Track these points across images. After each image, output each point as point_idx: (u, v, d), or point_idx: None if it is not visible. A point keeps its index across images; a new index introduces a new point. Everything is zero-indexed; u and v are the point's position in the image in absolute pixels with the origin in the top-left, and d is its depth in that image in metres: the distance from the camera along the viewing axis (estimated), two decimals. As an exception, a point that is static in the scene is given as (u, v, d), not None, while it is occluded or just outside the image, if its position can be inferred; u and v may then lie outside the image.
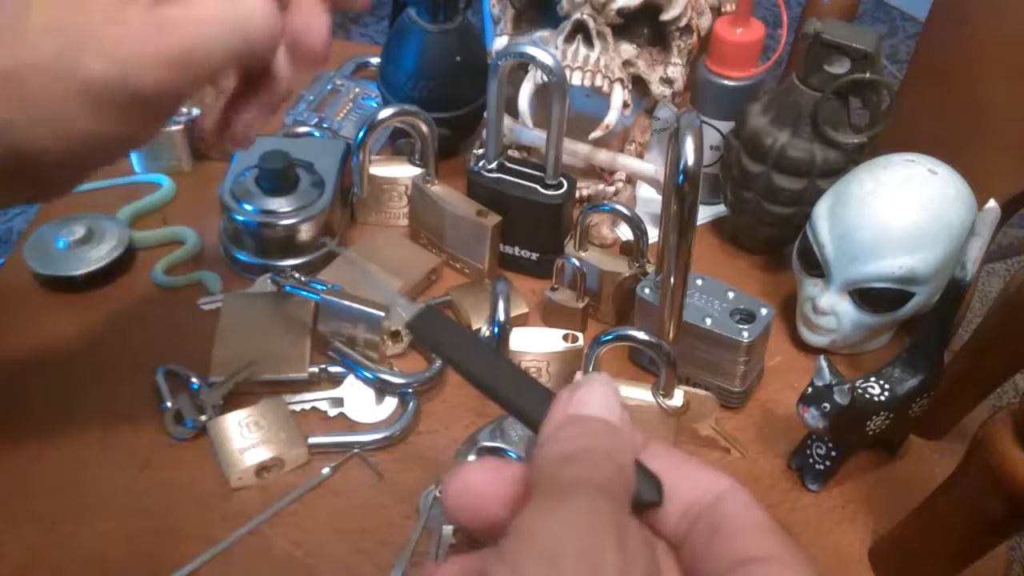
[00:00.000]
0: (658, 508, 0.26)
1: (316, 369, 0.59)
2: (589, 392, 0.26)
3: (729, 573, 0.24)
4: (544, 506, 0.23)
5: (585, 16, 0.63)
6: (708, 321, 0.56)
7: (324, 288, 0.60)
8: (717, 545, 0.25)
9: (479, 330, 0.61)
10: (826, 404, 0.51)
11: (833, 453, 0.54)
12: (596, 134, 0.65)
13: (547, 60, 0.58)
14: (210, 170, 0.76)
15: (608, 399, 0.26)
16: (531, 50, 0.58)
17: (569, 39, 0.64)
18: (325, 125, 0.79)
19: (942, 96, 0.66)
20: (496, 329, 0.56)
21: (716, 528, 0.25)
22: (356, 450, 0.55)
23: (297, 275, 0.62)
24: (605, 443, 0.25)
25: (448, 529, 0.52)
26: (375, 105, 0.81)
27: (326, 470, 0.54)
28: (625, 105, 0.65)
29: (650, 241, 0.64)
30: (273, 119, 0.81)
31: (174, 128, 0.74)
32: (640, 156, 0.71)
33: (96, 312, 0.64)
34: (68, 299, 0.64)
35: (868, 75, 0.61)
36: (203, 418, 0.55)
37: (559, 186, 0.64)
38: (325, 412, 0.58)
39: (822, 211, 0.60)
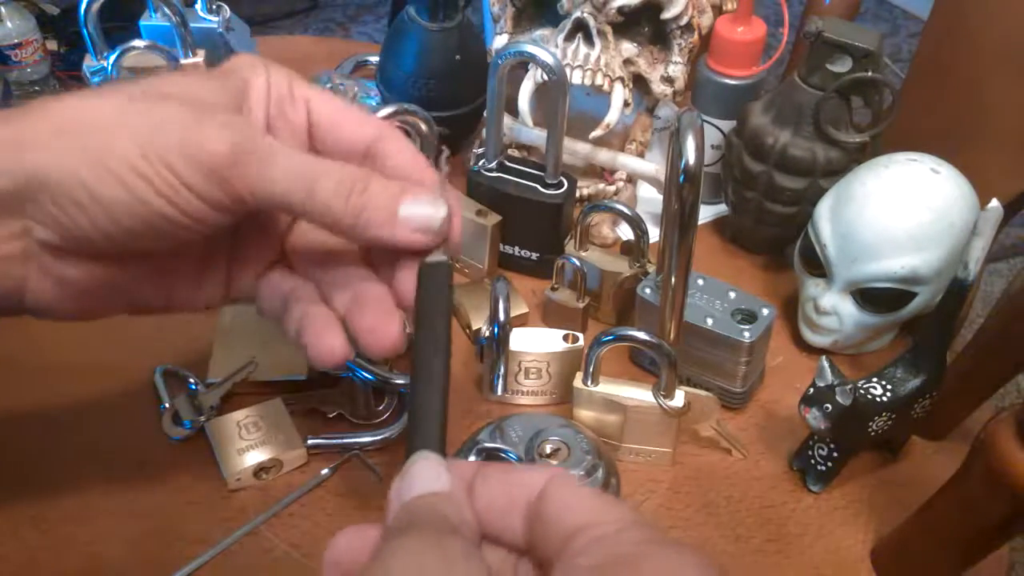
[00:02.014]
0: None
1: (315, 370, 0.59)
2: (411, 475, 0.29)
3: (563, 548, 0.26)
4: (385, 547, 0.26)
5: (585, 14, 0.63)
6: (709, 321, 0.56)
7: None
8: (548, 529, 0.27)
9: (478, 330, 0.60)
10: (828, 405, 0.50)
11: (835, 454, 0.54)
12: (597, 133, 0.65)
13: (547, 59, 0.58)
14: (209, 169, 0.75)
15: (427, 472, 0.29)
16: (531, 49, 0.58)
17: (569, 37, 0.64)
18: (325, 124, 0.78)
19: (944, 95, 0.66)
20: (496, 329, 0.55)
21: (541, 517, 0.27)
22: (356, 451, 0.55)
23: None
24: (431, 513, 0.27)
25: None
26: (374, 104, 0.80)
27: (325, 471, 0.54)
28: (626, 104, 0.65)
29: (651, 241, 0.63)
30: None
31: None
32: (641, 155, 0.71)
33: (94, 319, 0.63)
34: (66, 299, 0.64)
35: (870, 74, 0.61)
36: (201, 419, 0.55)
37: (559, 185, 0.64)
38: (324, 413, 0.57)
39: (824, 211, 0.60)
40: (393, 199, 0.38)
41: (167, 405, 0.56)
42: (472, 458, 0.52)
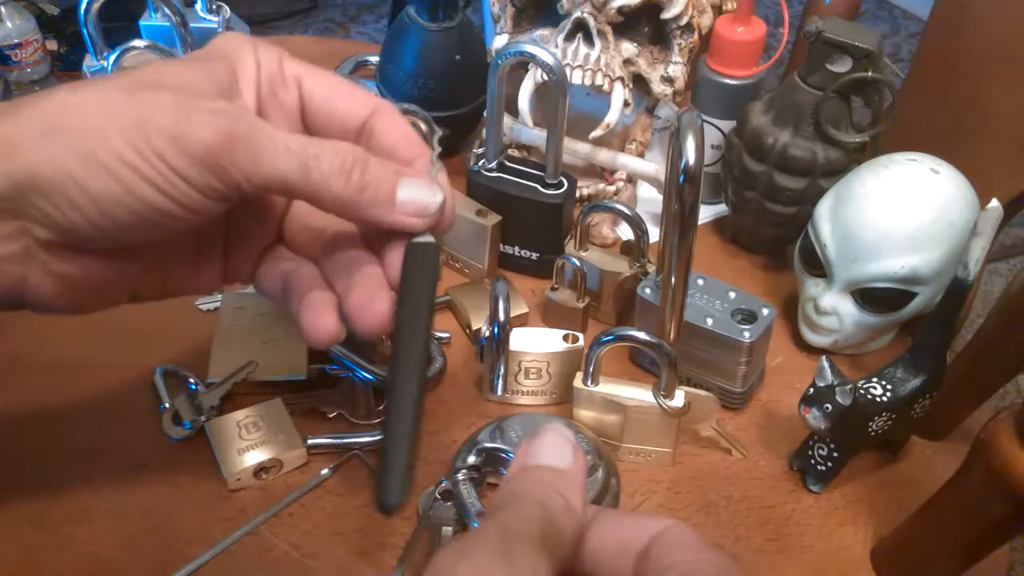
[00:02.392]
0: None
1: (315, 370, 0.59)
2: (540, 442, 0.30)
3: None
4: (456, 546, 0.26)
5: (585, 14, 0.63)
6: (709, 321, 0.56)
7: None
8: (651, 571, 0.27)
9: (478, 330, 0.60)
10: (828, 405, 0.50)
11: (835, 454, 0.54)
12: (597, 133, 0.65)
13: (547, 59, 0.58)
14: (209, 169, 0.75)
15: (558, 445, 0.30)
16: (531, 48, 0.58)
17: (569, 37, 0.64)
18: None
19: (944, 95, 0.66)
20: (496, 329, 0.55)
21: (651, 560, 0.27)
22: (356, 451, 0.55)
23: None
24: (540, 489, 0.28)
25: (448, 530, 0.51)
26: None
27: (325, 471, 0.54)
28: (626, 104, 0.65)
29: (651, 241, 0.63)
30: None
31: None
32: (641, 155, 0.71)
33: (94, 312, 0.63)
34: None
35: (870, 74, 0.61)
36: (201, 419, 0.55)
37: (559, 185, 0.64)
38: (324, 413, 0.57)
39: (824, 211, 0.60)
40: (391, 180, 0.38)
41: (167, 405, 0.56)
42: (472, 459, 0.52)
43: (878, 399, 0.52)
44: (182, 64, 0.39)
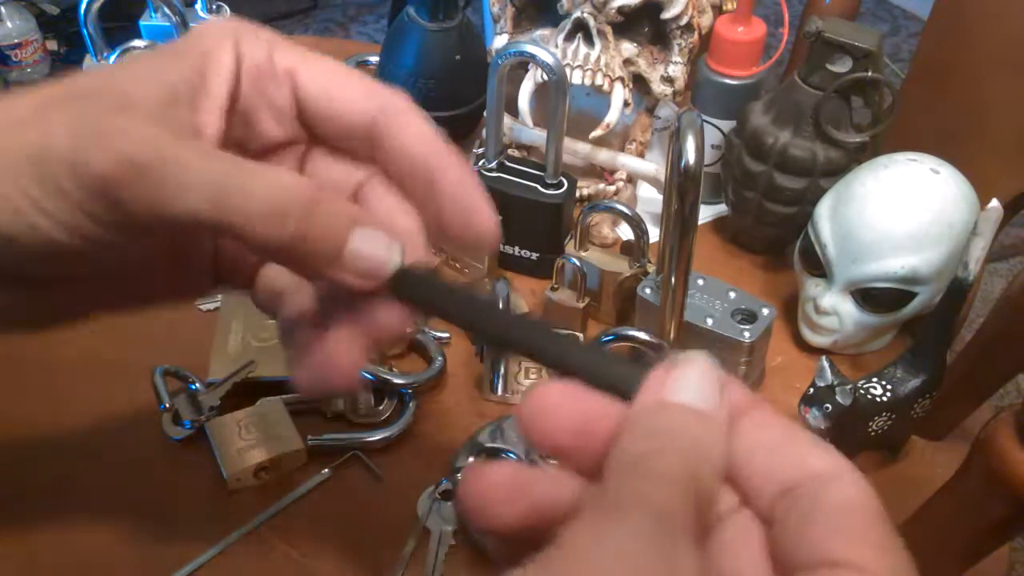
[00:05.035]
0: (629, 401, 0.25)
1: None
2: (684, 374, 0.25)
3: (810, 568, 0.22)
4: (594, 527, 0.22)
5: (585, 14, 0.63)
6: (709, 321, 0.56)
7: (323, 288, 0.60)
8: (808, 536, 0.23)
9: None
10: (828, 405, 0.50)
11: (835, 454, 0.54)
12: (596, 133, 0.65)
13: (547, 59, 0.58)
14: (209, 169, 0.75)
15: (704, 382, 0.24)
16: (531, 48, 0.58)
17: (569, 37, 0.64)
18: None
19: (944, 95, 0.66)
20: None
21: (811, 517, 0.23)
22: (356, 451, 0.55)
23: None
24: (684, 443, 0.23)
25: (448, 529, 0.51)
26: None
27: (325, 471, 0.54)
28: (626, 104, 0.65)
29: (651, 241, 0.63)
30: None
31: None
32: (641, 155, 0.71)
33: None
34: (66, 299, 0.64)
35: (870, 74, 0.61)
36: (201, 419, 0.55)
37: (559, 185, 0.64)
38: (324, 413, 0.57)
39: (824, 211, 0.60)
40: (341, 230, 0.30)
41: (167, 405, 0.56)
42: (471, 459, 0.52)
43: (878, 399, 0.51)
44: (139, 64, 0.33)
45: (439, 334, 0.62)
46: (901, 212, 0.56)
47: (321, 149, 0.36)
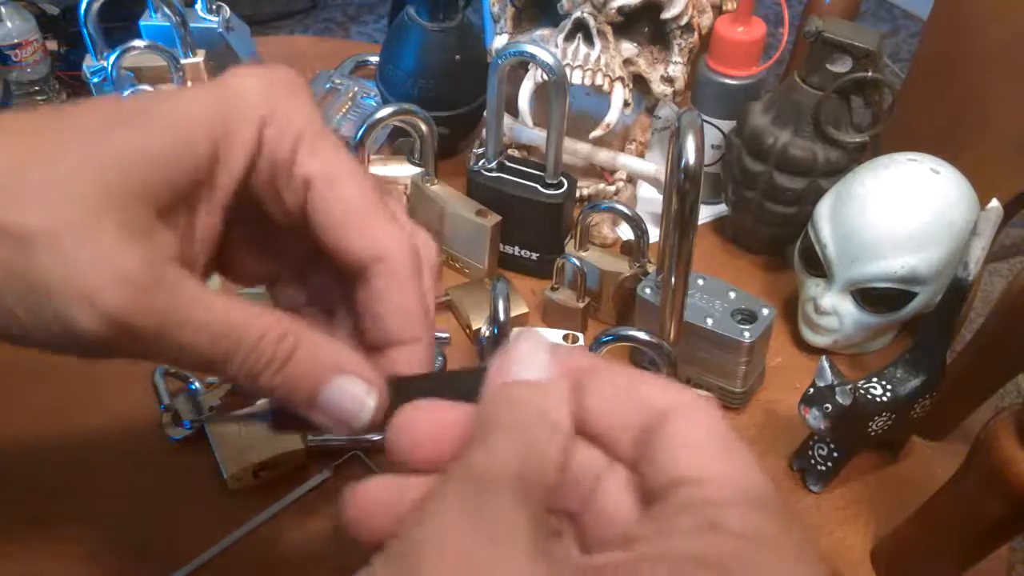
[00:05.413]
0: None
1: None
2: (512, 354, 0.26)
3: (663, 491, 0.24)
4: (423, 506, 0.23)
5: (585, 14, 0.63)
6: (709, 321, 0.56)
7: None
8: (656, 466, 0.24)
9: (478, 330, 0.60)
10: (828, 405, 0.50)
11: (835, 454, 0.54)
12: (596, 133, 0.65)
13: (547, 59, 0.58)
14: (209, 169, 0.75)
15: (533, 353, 0.26)
16: (531, 49, 0.58)
17: (569, 37, 0.64)
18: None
19: (944, 95, 0.66)
20: (496, 329, 0.55)
21: (657, 448, 0.24)
22: (356, 451, 0.55)
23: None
24: (515, 414, 0.24)
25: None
26: (374, 104, 0.80)
27: (325, 471, 0.54)
28: (626, 104, 0.65)
29: (651, 241, 0.63)
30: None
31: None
32: (641, 155, 0.71)
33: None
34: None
35: (870, 74, 0.61)
36: (201, 419, 0.55)
37: (559, 185, 0.64)
38: (324, 412, 0.57)
39: (824, 211, 0.60)
40: (319, 375, 0.30)
41: (167, 405, 0.56)
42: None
43: (878, 399, 0.51)
44: (153, 128, 0.29)
45: (439, 334, 0.62)
46: (901, 212, 0.56)
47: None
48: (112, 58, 0.71)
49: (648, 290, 0.59)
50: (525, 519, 0.22)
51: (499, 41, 0.70)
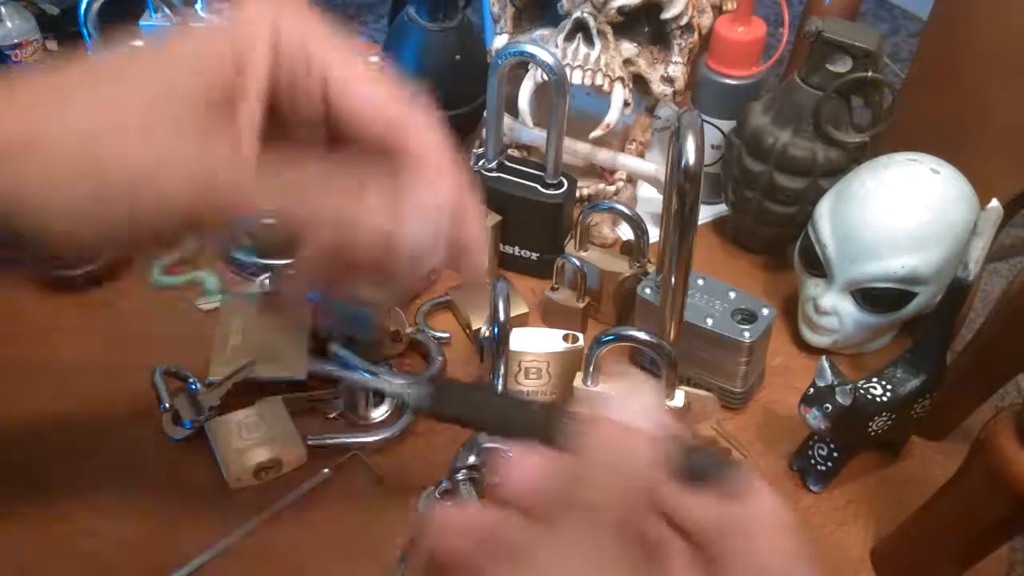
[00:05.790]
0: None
1: (315, 369, 0.59)
2: (628, 397, 0.27)
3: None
4: (561, 533, 0.24)
5: (585, 14, 0.63)
6: (709, 321, 0.56)
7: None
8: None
9: (478, 330, 0.60)
10: (828, 405, 0.50)
11: (835, 454, 0.54)
12: (596, 133, 0.65)
13: (547, 59, 0.58)
14: (209, 169, 0.75)
15: (646, 406, 0.27)
16: (531, 48, 0.58)
17: (569, 37, 0.64)
18: (325, 124, 0.79)
19: (944, 95, 0.66)
20: (496, 329, 0.55)
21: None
22: (355, 451, 0.55)
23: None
24: (628, 458, 0.25)
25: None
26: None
27: (325, 471, 0.54)
28: (626, 104, 0.65)
29: (651, 241, 0.63)
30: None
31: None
32: (641, 155, 0.71)
33: (94, 312, 0.63)
34: (66, 298, 0.64)
35: (870, 74, 0.61)
36: (201, 419, 0.55)
37: (559, 185, 0.64)
38: (324, 413, 0.57)
39: (824, 211, 0.60)
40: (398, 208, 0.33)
41: (167, 405, 0.56)
42: (472, 459, 0.52)
43: (878, 399, 0.51)
44: (177, 53, 0.32)
45: (439, 334, 0.62)
46: (901, 212, 0.56)
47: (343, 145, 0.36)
48: (112, 58, 0.71)
49: (648, 290, 0.59)
50: (624, 556, 0.24)
51: (499, 41, 0.70)
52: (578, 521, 0.25)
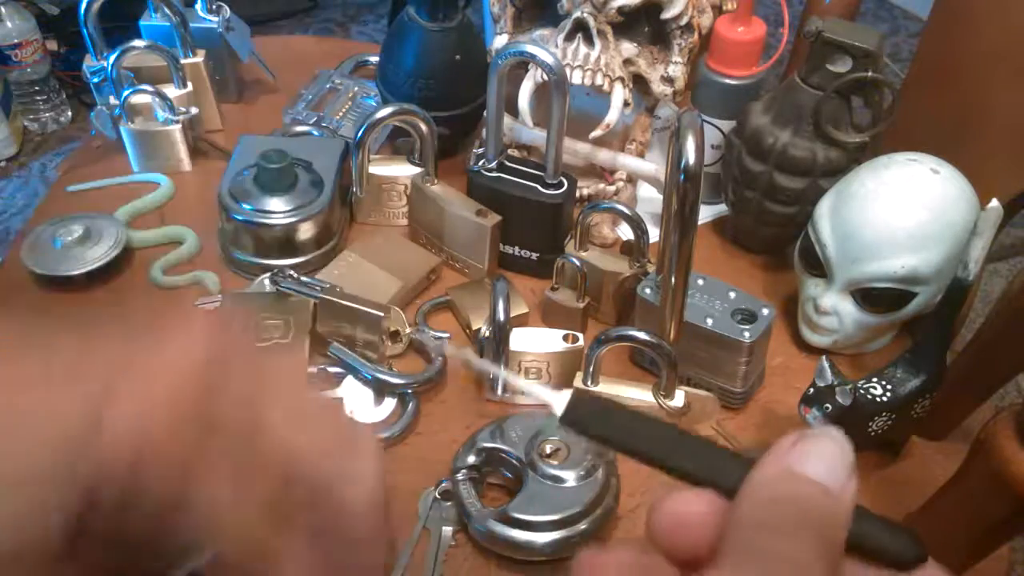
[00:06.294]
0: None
1: (315, 369, 0.59)
2: (815, 446, 0.24)
3: None
4: (734, 574, 0.22)
5: (585, 14, 0.63)
6: (709, 321, 0.56)
7: (323, 288, 0.60)
8: None
9: (478, 330, 0.60)
10: (828, 405, 0.50)
11: (835, 454, 0.54)
12: (596, 133, 0.65)
13: (547, 59, 0.58)
14: (209, 169, 0.75)
15: (835, 460, 0.24)
16: (531, 48, 0.58)
17: (569, 37, 0.64)
18: (324, 124, 0.79)
19: (944, 95, 0.66)
20: (496, 329, 0.55)
21: None
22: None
23: (296, 275, 0.62)
24: (817, 517, 0.23)
25: (448, 530, 0.51)
26: (374, 104, 0.80)
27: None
28: (626, 104, 0.65)
29: (651, 241, 0.63)
30: (271, 118, 0.81)
31: (173, 127, 0.74)
32: (641, 155, 0.71)
33: (94, 312, 0.63)
34: (66, 299, 0.64)
35: (870, 74, 0.61)
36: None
37: (559, 185, 0.64)
38: (324, 412, 0.57)
39: (824, 211, 0.60)
40: None
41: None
42: (472, 459, 0.52)
43: (878, 399, 0.51)
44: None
45: (439, 334, 0.62)
46: (901, 212, 0.56)
47: None
48: (112, 58, 0.71)
49: (648, 290, 0.59)
50: None
51: (499, 41, 0.70)
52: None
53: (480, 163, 0.65)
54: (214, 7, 0.80)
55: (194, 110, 0.75)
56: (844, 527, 0.23)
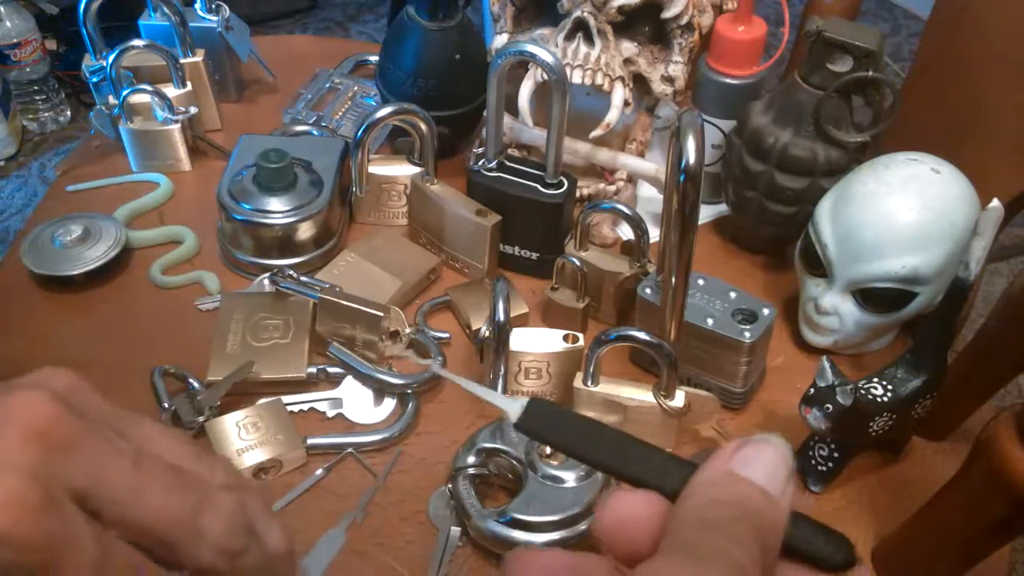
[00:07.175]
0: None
1: (314, 369, 0.59)
2: (756, 452, 0.25)
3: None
4: (673, 567, 0.22)
5: (586, 14, 0.63)
6: (710, 321, 0.56)
7: (323, 288, 0.60)
8: None
9: (478, 330, 0.60)
10: (829, 405, 0.50)
11: (835, 454, 0.54)
12: (597, 133, 0.65)
13: (547, 58, 0.58)
14: (208, 169, 0.75)
15: (775, 465, 0.25)
16: (531, 48, 0.58)
17: (569, 37, 0.64)
18: (323, 124, 0.78)
19: (945, 95, 0.66)
20: (496, 329, 0.55)
21: None
22: (350, 450, 0.55)
23: (295, 275, 0.61)
24: (755, 518, 0.24)
25: (456, 530, 0.51)
26: (374, 103, 0.80)
27: (319, 471, 0.54)
28: (626, 103, 0.65)
29: (651, 241, 0.63)
30: (271, 118, 0.81)
31: (172, 127, 0.73)
32: (641, 155, 0.71)
33: (93, 312, 0.63)
34: (65, 298, 0.64)
35: (871, 73, 0.61)
36: (201, 419, 0.55)
37: (559, 185, 0.64)
38: (323, 413, 0.57)
39: (824, 210, 0.60)
40: None
41: (167, 405, 0.56)
42: (472, 459, 0.52)
43: (879, 399, 0.51)
44: None
45: (439, 334, 0.62)
46: (902, 212, 0.56)
47: None
48: (111, 58, 0.71)
49: (648, 290, 0.58)
50: None
51: (499, 41, 0.70)
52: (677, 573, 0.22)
53: (480, 163, 0.65)
54: (213, 7, 0.80)
55: (193, 110, 0.75)
56: (781, 528, 0.24)
